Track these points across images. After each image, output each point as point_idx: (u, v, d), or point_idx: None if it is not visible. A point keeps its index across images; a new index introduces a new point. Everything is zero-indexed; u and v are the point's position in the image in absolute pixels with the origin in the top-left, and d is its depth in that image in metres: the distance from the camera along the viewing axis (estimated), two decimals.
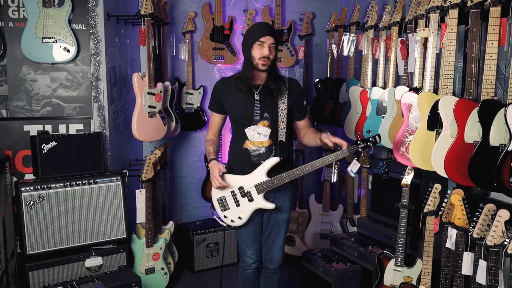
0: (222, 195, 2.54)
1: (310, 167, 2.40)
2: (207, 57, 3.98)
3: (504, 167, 2.02)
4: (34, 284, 2.70)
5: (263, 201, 2.48)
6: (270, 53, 2.40)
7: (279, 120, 2.49)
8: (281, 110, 2.48)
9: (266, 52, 2.38)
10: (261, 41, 2.39)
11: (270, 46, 2.39)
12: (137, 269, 3.21)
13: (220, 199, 2.55)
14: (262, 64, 2.40)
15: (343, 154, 2.38)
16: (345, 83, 3.62)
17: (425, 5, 2.55)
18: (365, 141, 2.40)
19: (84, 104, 3.02)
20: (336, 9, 4.10)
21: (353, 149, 2.39)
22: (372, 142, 2.40)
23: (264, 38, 2.38)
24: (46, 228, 2.76)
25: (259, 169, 2.46)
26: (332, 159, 2.40)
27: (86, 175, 2.92)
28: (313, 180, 4.39)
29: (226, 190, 2.53)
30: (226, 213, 2.55)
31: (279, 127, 2.49)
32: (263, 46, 2.39)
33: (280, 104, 2.48)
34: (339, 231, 3.77)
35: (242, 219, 2.52)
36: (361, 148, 2.40)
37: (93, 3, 2.91)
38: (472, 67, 2.21)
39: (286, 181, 2.44)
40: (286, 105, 2.49)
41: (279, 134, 2.49)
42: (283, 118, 2.48)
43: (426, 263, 2.53)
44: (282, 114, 2.48)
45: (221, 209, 2.56)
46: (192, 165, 4.15)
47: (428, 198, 2.51)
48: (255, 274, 2.71)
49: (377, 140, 2.41)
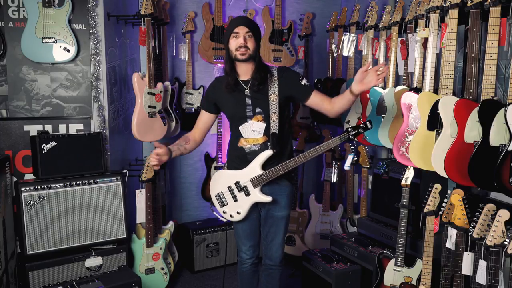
0: (220, 190, 2.56)
1: (303, 158, 2.40)
2: (207, 57, 3.98)
3: (504, 167, 2.02)
4: (34, 284, 2.70)
5: (260, 195, 2.49)
6: (246, 42, 2.40)
7: (270, 112, 2.47)
8: (272, 101, 2.47)
9: (241, 41, 2.39)
10: (235, 32, 2.41)
11: (245, 35, 2.40)
12: (137, 269, 3.21)
13: (218, 195, 2.57)
14: (240, 54, 2.40)
15: (334, 143, 2.39)
16: (345, 83, 3.62)
17: (425, 5, 2.55)
18: (356, 128, 2.40)
19: (84, 104, 3.02)
20: (336, 9, 4.10)
21: (345, 137, 2.39)
22: (363, 129, 2.39)
23: (238, 29, 2.40)
24: (46, 228, 2.76)
25: (253, 163, 2.47)
26: (324, 149, 2.39)
27: (86, 175, 2.91)
28: (313, 180, 4.39)
29: (223, 186, 2.55)
30: (225, 209, 2.57)
31: (271, 119, 2.47)
32: (238, 37, 2.40)
33: (270, 95, 2.47)
34: (339, 231, 3.77)
35: (240, 214, 2.54)
36: (353, 135, 2.39)
37: (93, 3, 2.91)
38: (472, 67, 2.21)
39: (281, 173, 2.43)
40: (277, 95, 2.47)
41: (271, 126, 2.48)
42: (275, 109, 2.47)
43: (426, 263, 2.53)
44: (273, 105, 2.47)
45: (219, 205, 2.58)
46: (192, 165, 4.15)
47: (428, 198, 2.51)
48: (252, 270, 2.74)
49: (368, 126, 2.40)
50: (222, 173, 2.57)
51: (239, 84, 2.49)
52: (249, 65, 2.47)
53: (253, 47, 2.43)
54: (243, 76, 2.50)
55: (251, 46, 2.42)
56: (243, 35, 2.40)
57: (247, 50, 2.41)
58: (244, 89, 2.49)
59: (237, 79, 2.49)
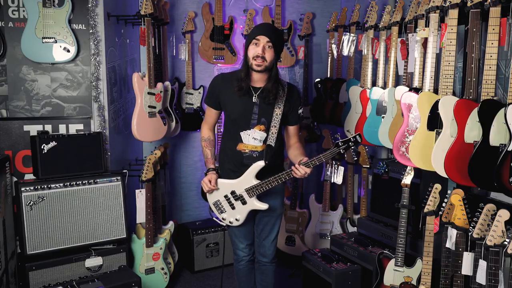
0: (217, 199, 2.59)
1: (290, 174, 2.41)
2: (207, 57, 3.98)
3: (504, 167, 2.02)
4: (34, 284, 2.70)
5: (257, 203, 2.52)
6: (264, 53, 2.36)
7: (271, 124, 2.48)
8: (275, 114, 2.48)
9: (259, 51, 2.35)
10: (256, 39, 2.37)
11: (265, 45, 2.36)
12: (137, 269, 3.21)
13: (216, 203, 2.60)
14: (256, 64, 2.37)
15: (326, 157, 2.38)
16: (345, 83, 3.62)
17: (425, 5, 2.55)
18: (345, 142, 2.39)
19: (84, 104, 3.02)
20: (336, 9, 4.10)
21: (335, 151, 2.38)
22: (353, 143, 2.39)
23: (259, 37, 2.36)
24: (46, 228, 2.76)
25: (247, 174, 2.48)
26: (315, 163, 2.38)
27: (86, 175, 2.91)
28: (313, 180, 4.39)
29: (220, 194, 2.57)
30: (223, 215, 2.60)
31: (271, 131, 2.49)
32: (258, 45, 2.37)
33: (276, 108, 2.48)
34: (339, 231, 3.77)
35: (239, 220, 2.57)
36: (343, 149, 2.39)
37: (93, 3, 2.91)
38: (472, 67, 2.21)
39: (274, 184, 2.45)
40: (281, 110, 2.48)
41: (268, 138, 2.49)
42: (276, 123, 2.48)
43: (426, 263, 2.53)
44: (276, 119, 2.48)
45: (218, 212, 2.61)
46: (192, 165, 4.15)
47: (428, 198, 2.51)
48: (248, 267, 2.78)
49: (358, 140, 2.40)
50: (217, 182, 2.56)
51: (249, 90, 2.47)
52: (263, 75, 2.45)
53: (271, 59, 2.39)
54: (254, 83, 2.48)
55: (269, 57, 2.38)
56: (263, 44, 2.36)
57: (264, 62, 2.37)
58: (252, 95, 2.47)
59: (250, 85, 2.47)
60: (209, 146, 2.63)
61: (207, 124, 2.67)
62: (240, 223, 2.57)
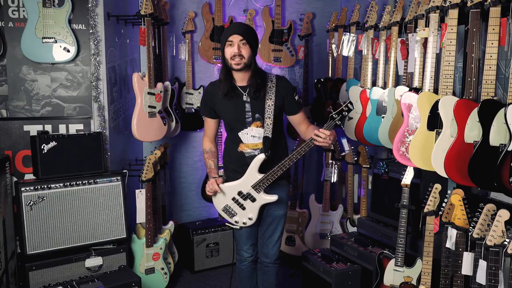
0: (225, 204, 2.59)
1: (297, 154, 2.42)
2: (207, 57, 3.98)
3: (504, 167, 2.02)
4: (34, 284, 2.70)
5: (266, 196, 2.52)
6: (240, 50, 2.38)
7: (265, 116, 2.49)
8: (267, 106, 2.49)
9: (235, 50, 2.38)
10: (229, 40, 2.40)
11: (239, 43, 2.38)
12: (137, 269, 3.21)
13: (225, 208, 2.59)
14: (235, 63, 2.40)
15: (328, 128, 2.38)
16: (345, 83, 3.62)
17: (425, 5, 2.55)
18: (339, 112, 2.40)
19: (84, 104, 3.02)
20: (336, 9, 4.10)
21: (331, 124, 2.39)
22: (346, 111, 2.40)
23: (232, 37, 2.39)
24: (46, 228, 2.76)
25: (250, 170, 2.50)
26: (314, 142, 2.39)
27: (86, 175, 2.91)
28: (313, 180, 4.39)
29: (227, 198, 2.57)
30: (235, 219, 2.59)
31: (265, 123, 2.49)
32: (233, 45, 2.40)
33: (267, 100, 2.49)
34: (339, 231, 3.77)
35: (252, 219, 2.57)
36: (338, 120, 2.40)
37: (93, 3, 2.91)
38: (472, 67, 2.21)
39: (280, 173, 2.45)
40: (273, 101, 2.49)
41: (264, 129, 2.50)
42: (269, 114, 2.49)
43: (426, 263, 2.53)
44: (268, 110, 2.49)
45: (229, 217, 2.60)
46: (192, 165, 4.15)
47: (428, 198, 2.51)
48: (251, 267, 2.78)
49: (350, 107, 2.41)
50: (222, 187, 2.56)
51: (237, 90, 2.50)
52: (245, 73, 2.47)
53: (248, 55, 2.42)
54: (240, 82, 2.51)
55: (246, 53, 2.41)
56: (237, 43, 2.39)
57: (242, 59, 2.40)
58: (242, 94, 2.50)
59: (234, 85, 2.50)
60: (212, 157, 2.66)
61: (207, 136, 2.70)
62: (254, 221, 2.57)
